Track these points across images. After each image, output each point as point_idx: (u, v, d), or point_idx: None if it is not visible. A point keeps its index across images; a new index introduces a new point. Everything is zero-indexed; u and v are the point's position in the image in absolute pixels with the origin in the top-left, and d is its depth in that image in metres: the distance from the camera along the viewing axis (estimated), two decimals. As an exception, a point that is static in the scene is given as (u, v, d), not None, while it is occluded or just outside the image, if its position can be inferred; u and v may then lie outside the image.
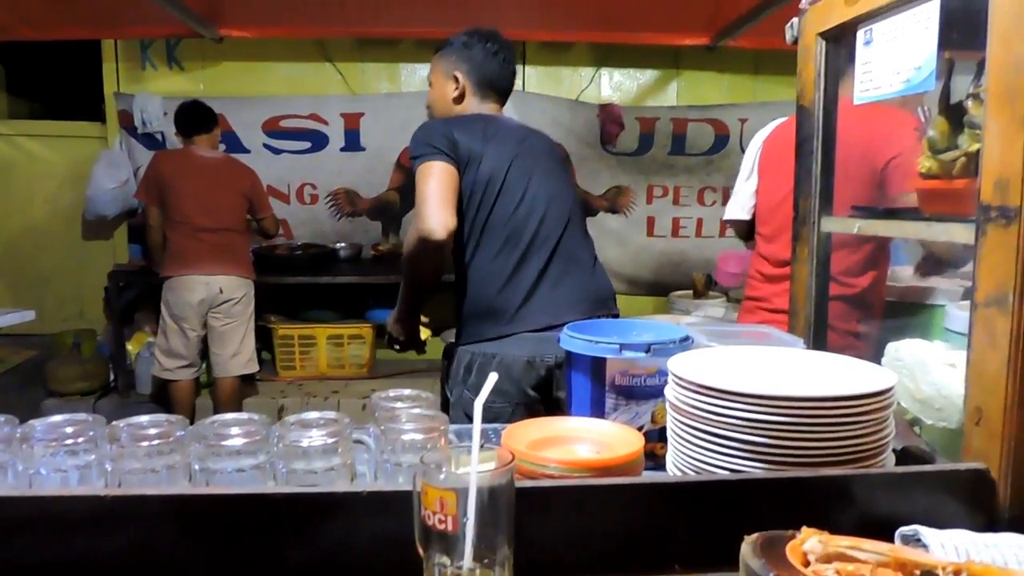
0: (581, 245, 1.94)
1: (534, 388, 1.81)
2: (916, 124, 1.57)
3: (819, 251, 1.27)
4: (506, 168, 1.84)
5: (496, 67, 1.95)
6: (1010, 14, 0.83)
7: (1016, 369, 0.83)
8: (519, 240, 1.84)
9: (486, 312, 1.86)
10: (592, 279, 1.92)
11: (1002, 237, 0.84)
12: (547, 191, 1.89)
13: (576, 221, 1.95)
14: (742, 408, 0.86)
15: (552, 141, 2.09)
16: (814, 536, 0.65)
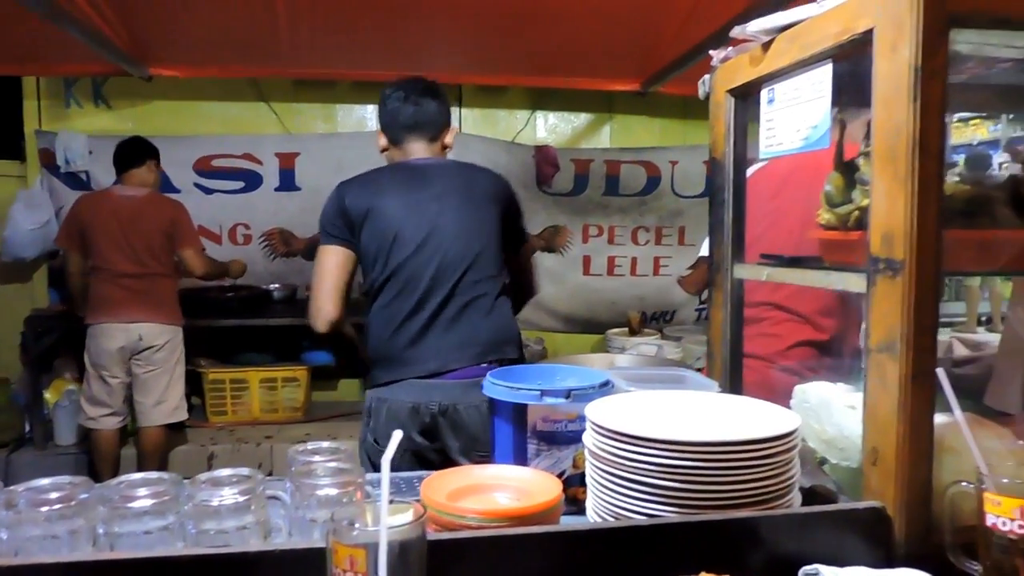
0: (485, 286, 1.95)
1: (421, 434, 1.86)
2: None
3: (732, 297, 1.32)
4: (402, 216, 1.93)
5: (398, 110, 2.05)
6: (890, 83, 0.90)
7: (906, 411, 0.88)
8: (416, 286, 1.91)
9: (382, 357, 1.94)
10: (488, 323, 1.93)
11: (890, 288, 0.90)
12: (451, 232, 1.93)
13: (486, 261, 1.96)
14: (655, 453, 0.89)
15: (484, 176, 2.09)
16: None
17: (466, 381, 1.83)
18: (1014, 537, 0.81)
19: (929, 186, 0.86)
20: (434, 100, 2.11)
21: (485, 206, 2.01)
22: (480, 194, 2.03)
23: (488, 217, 2.00)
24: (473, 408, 1.82)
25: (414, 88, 2.09)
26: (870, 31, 0.93)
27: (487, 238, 1.98)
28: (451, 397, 1.84)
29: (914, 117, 0.86)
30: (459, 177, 2.04)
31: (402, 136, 2.07)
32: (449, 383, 1.85)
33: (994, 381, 1.49)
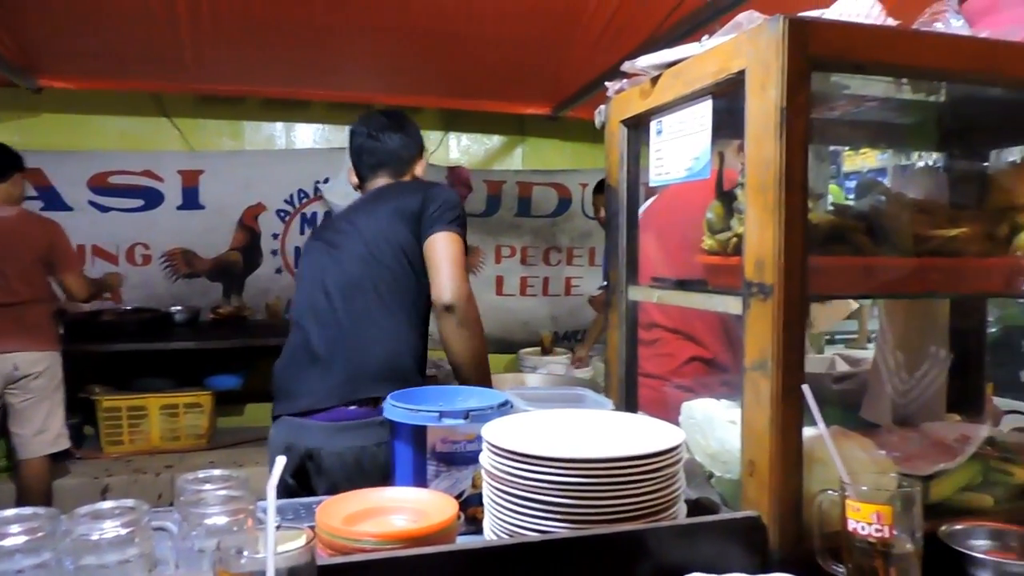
0: (375, 319, 1.87)
1: (293, 476, 1.79)
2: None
3: (628, 317, 1.38)
4: (306, 252, 2.00)
5: (362, 148, 2.06)
6: (759, 120, 0.97)
7: (778, 426, 0.95)
8: (304, 321, 1.92)
9: (274, 391, 1.92)
10: (371, 359, 1.82)
11: (762, 310, 0.96)
12: (347, 264, 1.91)
13: (383, 292, 1.88)
14: (545, 471, 0.91)
15: (414, 196, 1.96)
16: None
17: (333, 424, 1.77)
18: (872, 540, 0.88)
19: (794, 216, 0.93)
20: (397, 134, 2.09)
21: (393, 234, 1.92)
22: (397, 217, 1.94)
23: (392, 239, 1.92)
24: (335, 456, 1.75)
25: (377, 124, 2.08)
26: (743, 72, 1.00)
27: (384, 270, 1.90)
28: (317, 441, 1.77)
29: (780, 152, 0.93)
30: (373, 205, 2.00)
31: (367, 174, 2.08)
32: (317, 424, 1.77)
33: (868, 395, 1.60)
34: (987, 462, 1.11)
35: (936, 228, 1.04)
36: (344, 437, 1.76)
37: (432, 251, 1.90)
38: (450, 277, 1.84)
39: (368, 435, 1.73)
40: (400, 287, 1.92)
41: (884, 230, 1.06)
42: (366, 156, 2.07)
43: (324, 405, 1.80)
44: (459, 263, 1.89)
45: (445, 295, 1.82)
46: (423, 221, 1.91)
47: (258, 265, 4.21)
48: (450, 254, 1.88)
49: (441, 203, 1.94)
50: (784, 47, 0.93)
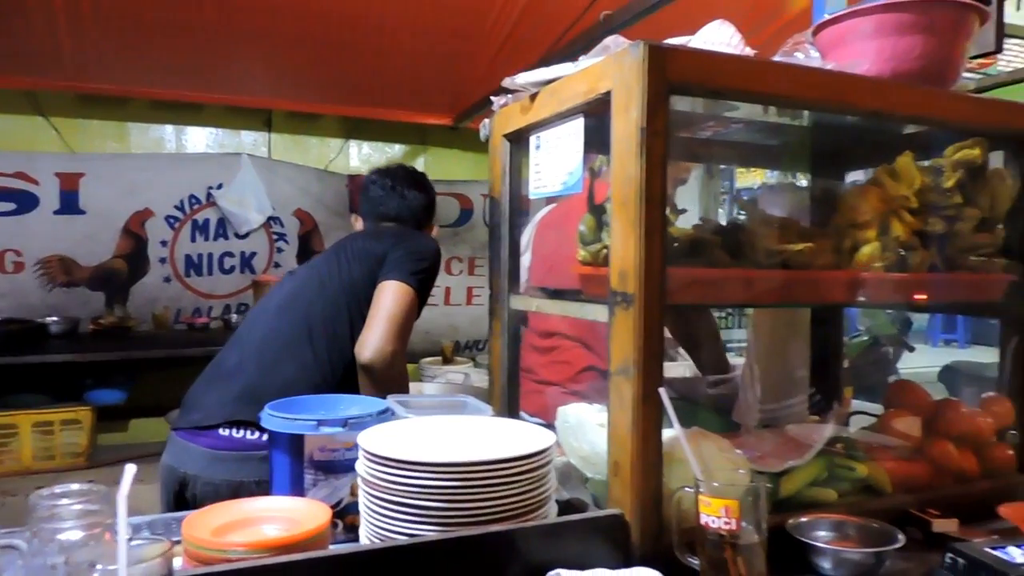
0: (293, 345, 1.82)
1: (176, 497, 1.71)
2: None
3: (510, 326, 1.41)
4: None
5: (382, 200, 2.10)
6: (623, 141, 1.03)
7: (639, 428, 1.00)
8: (234, 337, 1.91)
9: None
10: (272, 382, 1.74)
11: (625, 318, 1.02)
12: (293, 287, 1.92)
13: (314, 322, 1.84)
14: (417, 476, 0.93)
15: (389, 239, 1.95)
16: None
17: (213, 452, 1.69)
18: (723, 533, 0.94)
19: (654, 229, 0.99)
20: (421, 193, 2.08)
21: (352, 261, 1.92)
22: (360, 259, 1.92)
23: (345, 273, 1.90)
24: (211, 487, 1.66)
25: (403, 178, 2.07)
26: (608, 93, 1.06)
27: (326, 297, 1.88)
28: (196, 467, 1.69)
29: (641, 170, 0.99)
30: (343, 247, 2.00)
31: (376, 224, 2.07)
32: (199, 450, 1.70)
33: (739, 400, 1.70)
34: (832, 459, 1.20)
35: (786, 243, 1.13)
36: (222, 468, 1.68)
37: (375, 300, 1.83)
38: (377, 334, 1.76)
39: (248, 470, 1.65)
40: (334, 322, 1.86)
41: (740, 244, 1.14)
42: (383, 208, 2.06)
43: (211, 421, 1.73)
44: (395, 320, 1.79)
45: (365, 352, 1.76)
46: (383, 265, 1.87)
47: (144, 273, 4.02)
48: (390, 308, 1.80)
49: (409, 251, 1.88)
50: (645, 71, 0.99)
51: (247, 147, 4.41)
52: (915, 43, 1.24)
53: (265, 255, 4.24)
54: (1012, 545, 0.95)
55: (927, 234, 1.25)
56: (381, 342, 1.75)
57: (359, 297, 1.85)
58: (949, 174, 1.27)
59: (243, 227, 4.13)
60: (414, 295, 1.84)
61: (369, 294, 1.84)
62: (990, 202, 1.31)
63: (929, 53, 1.24)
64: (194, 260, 4.11)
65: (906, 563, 1.05)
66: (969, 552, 0.93)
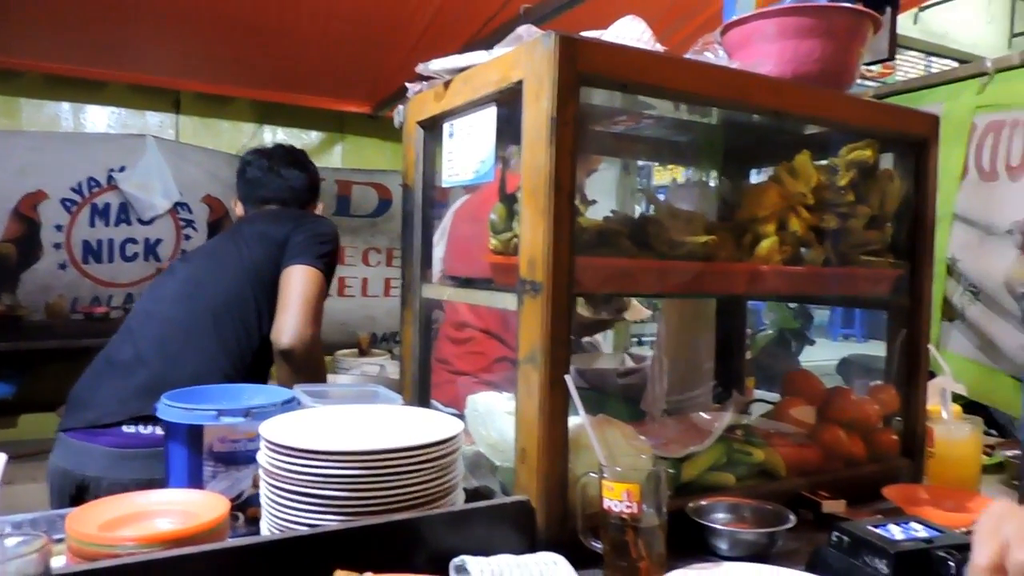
0: (197, 336, 1.75)
1: (73, 504, 1.60)
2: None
3: (421, 315, 1.40)
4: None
5: (260, 181, 2.04)
6: (533, 130, 1.03)
7: (545, 415, 1.01)
8: (122, 329, 1.82)
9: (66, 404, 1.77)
10: (178, 376, 1.65)
11: (533, 306, 1.02)
12: (186, 277, 1.83)
13: (219, 312, 1.78)
14: (319, 465, 0.91)
15: (286, 223, 1.89)
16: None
17: (118, 451, 1.61)
18: (625, 517, 0.96)
19: (562, 219, 1.00)
20: (300, 172, 2.00)
21: (251, 247, 1.86)
22: (261, 243, 1.86)
23: (247, 260, 1.84)
24: (119, 487, 1.50)
25: (279, 157, 1.99)
26: (520, 82, 1.06)
27: (224, 296, 1.81)
28: (99, 468, 1.60)
29: (551, 159, 1.00)
30: (240, 230, 1.94)
31: (255, 208, 1.99)
32: (100, 450, 1.61)
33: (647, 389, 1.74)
34: (731, 445, 1.25)
35: (690, 235, 1.16)
36: (129, 467, 1.59)
37: (284, 285, 1.79)
38: (294, 318, 1.73)
39: (160, 466, 1.57)
40: (240, 309, 1.80)
41: (646, 235, 1.17)
42: (262, 190, 1.98)
43: (112, 419, 1.64)
44: (310, 303, 1.77)
45: (283, 338, 1.72)
46: (286, 249, 1.82)
47: (37, 259, 3.77)
48: (302, 292, 1.76)
49: (312, 234, 1.85)
50: (556, 61, 1.00)
51: (153, 129, 4.20)
52: (814, 47, 1.29)
53: (171, 242, 4.06)
54: (892, 523, 1.01)
55: (822, 230, 1.31)
56: (300, 326, 1.73)
57: (263, 282, 1.81)
58: (843, 173, 1.33)
59: (147, 212, 3.93)
60: (322, 278, 1.83)
61: (273, 279, 1.80)
62: (880, 201, 1.38)
63: (827, 57, 1.30)
64: (93, 246, 3.89)
65: (797, 542, 1.11)
66: (853, 530, 0.98)
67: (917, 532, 0.98)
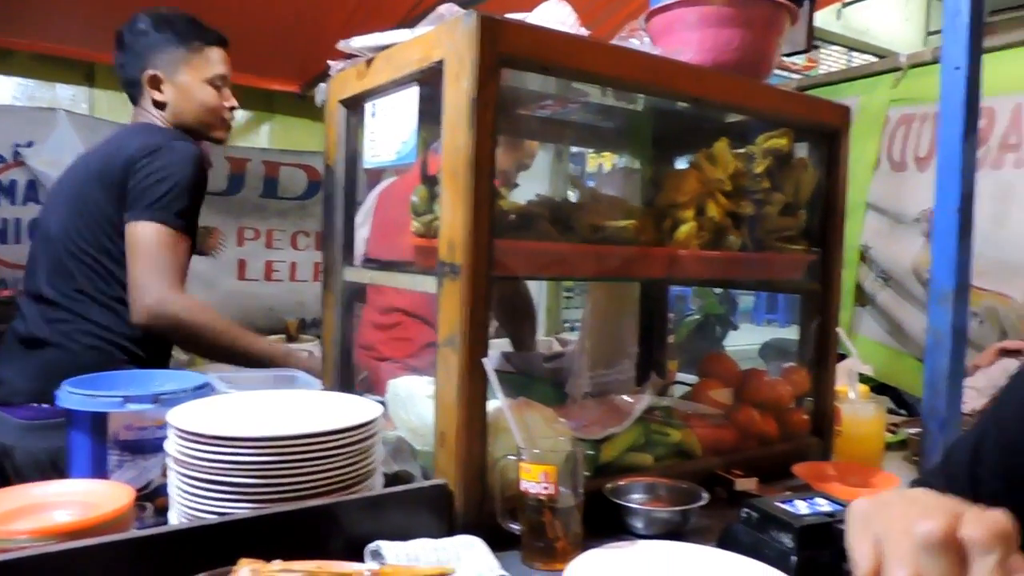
0: (82, 308, 1.63)
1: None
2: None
3: (343, 298, 1.38)
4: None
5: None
6: (454, 111, 1.02)
7: (464, 398, 1.01)
8: (20, 300, 1.73)
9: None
10: (74, 352, 1.60)
11: (453, 289, 1.02)
12: (51, 239, 1.68)
13: (91, 276, 1.63)
14: (229, 452, 0.89)
15: (121, 155, 1.64)
16: (247, 566, 0.69)
17: (28, 422, 1.53)
18: (542, 498, 0.97)
19: (482, 201, 1.00)
20: (121, 52, 1.79)
21: (94, 194, 1.64)
22: (96, 173, 1.65)
23: (95, 213, 1.63)
24: (29, 456, 1.50)
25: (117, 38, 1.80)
26: (441, 62, 1.04)
27: (84, 247, 1.63)
28: (11, 438, 1.53)
29: (471, 141, 0.99)
30: (86, 159, 1.77)
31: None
32: (12, 420, 1.54)
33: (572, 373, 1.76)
34: (649, 426, 1.27)
35: (611, 219, 1.18)
36: (39, 437, 1.53)
37: (127, 248, 1.58)
38: (142, 291, 1.53)
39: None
40: (105, 274, 1.65)
41: (568, 219, 1.17)
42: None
43: (22, 399, 1.59)
44: (159, 266, 1.54)
45: (136, 316, 1.55)
46: (127, 197, 1.59)
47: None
48: (148, 253, 1.54)
49: (148, 173, 1.56)
50: (476, 41, 0.99)
51: (64, 102, 3.99)
52: (733, 36, 1.32)
53: (85, 222, 3.88)
54: (799, 499, 1.05)
55: (739, 216, 1.35)
56: (149, 299, 1.54)
57: (116, 241, 1.62)
58: (759, 161, 1.37)
59: (59, 191, 3.74)
60: (171, 232, 1.59)
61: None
62: (794, 188, 1.43)
63: (745, 46, 1.33)
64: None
65: (711, 519, 1.14)
66: (761, 506, 1.02)
67: (821, 507, 1.02)
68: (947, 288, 1.32)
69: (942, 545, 0.47)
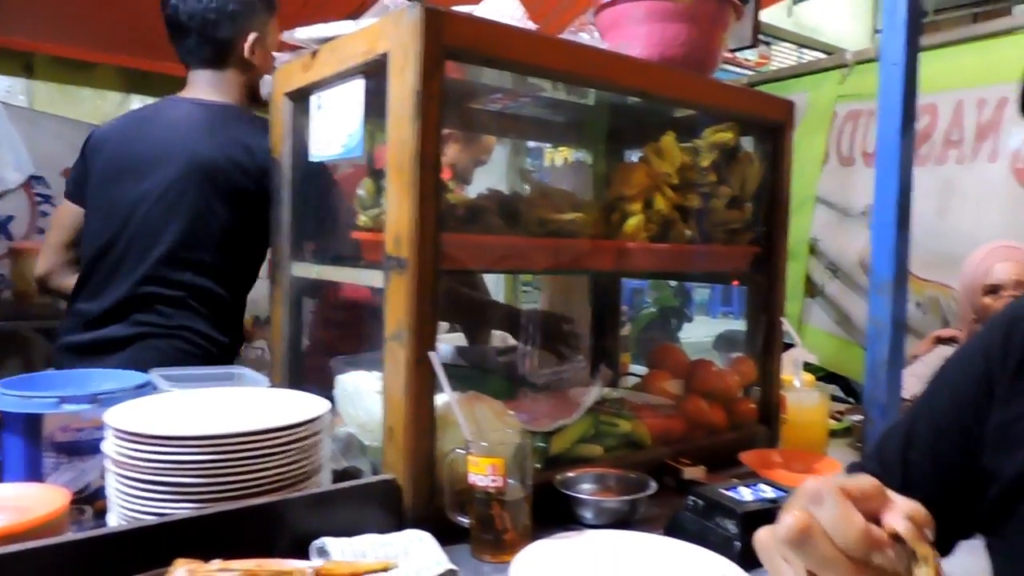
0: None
1: None
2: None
3: (292, 294, 1.36)
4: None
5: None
6: (399, 104, 1.01)
7: (412, 392, 1.00)
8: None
9: None
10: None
11: (399, 283, 1.01)
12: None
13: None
14: (167, 451, 0.87)
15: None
16: (183, 567, 0.68)
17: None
18: (490, 490, 0.97)
19: (428, 194, 0.99)
20: (212, 11, 1.60)
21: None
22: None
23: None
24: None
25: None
26: (386, 54, 1.03)
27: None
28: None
29: (416, 134, 0.98)
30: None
31: (183, 62, 1.67)
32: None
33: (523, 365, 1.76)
34: (599, 417, 1.29)
35: (559, 213, 1.18)
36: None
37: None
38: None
39: None
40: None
41: (516, 212, 1.17)
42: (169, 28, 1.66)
43: None
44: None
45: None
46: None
47: None
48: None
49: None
50: (421, 33, 0.98)
51: (0, 94, 3.85)
52: (680, 31, 1.34)
53: (25, 219, 3.73)
54: (743, 486, 1.07)
55: (686, 209, 1.36)
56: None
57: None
58: (706, 154, 1.39)
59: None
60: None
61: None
62: (740, 182, 1.45)
63: (691, 41, 1.34)
64: (-69, 223, 3.54)
65: (659, 508, 1.15)
66: (706, 494, 1.04)
67: (765, 493, 1.04)
68: (886, 278, 1.36)
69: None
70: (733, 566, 0.91)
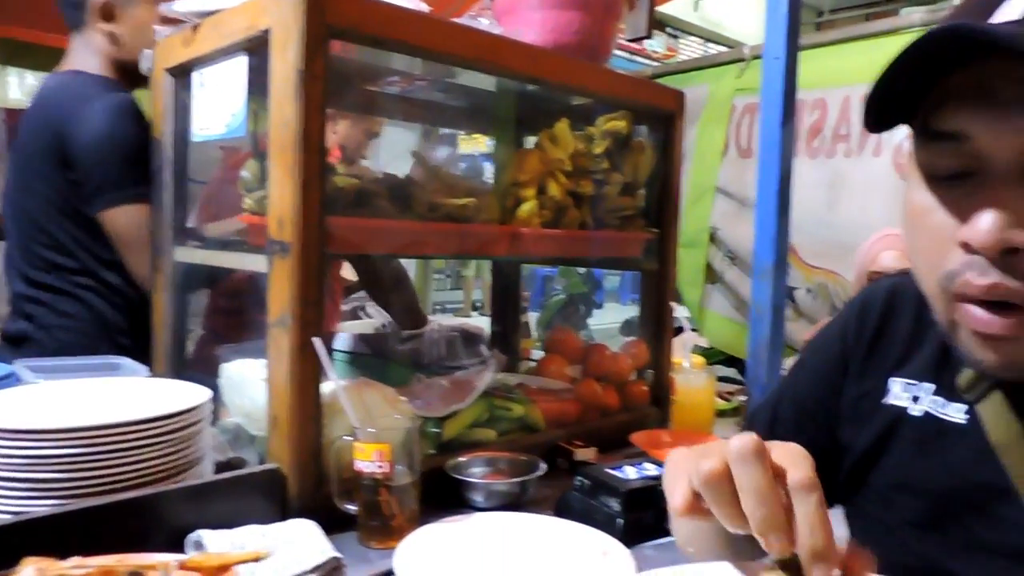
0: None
1: None
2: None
3: (174, 279, 1.30)
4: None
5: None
6: (281, 83, 0.98)
7: (296, 379, 0.98)
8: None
9: None
10: None
11: (283, 267, 0.98)
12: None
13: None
14: (26, 445, 0.82)
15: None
16: (31, 565, 0.65)
17: None
18: (377, 477, 0.96)
19: (312, 177, 0.97)
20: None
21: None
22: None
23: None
24: None
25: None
26: (267, 31, 1.00)
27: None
28: None
29: (298, 115, 0.96)
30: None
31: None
32: None
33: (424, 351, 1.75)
34: (492, 401, 1.29)
35: (450, 197, 1.18)
36: None
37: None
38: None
39: None
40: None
41: (407, 196, 1.16)
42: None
43: None
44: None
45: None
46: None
47: None
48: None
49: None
50: (303, 11, 0.95)
51: None
52: (573, 18, 1.35)
53: None
54: (628, 465, 1.10)
55: (579, 195, 1.39)
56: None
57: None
58: (599, 142, 1.41)
59: None
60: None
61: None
62: (633, 169, 1.48)
63: (585, 29, 1.36)
64: None
65: (550, 489, 1.17)
66: (592, 473, 1.06)
67: (648, 471, 1.08)
68: (767, 263, 1.42)
69: (755, 454, 0.48)
70: (615, 542, 0.94)
